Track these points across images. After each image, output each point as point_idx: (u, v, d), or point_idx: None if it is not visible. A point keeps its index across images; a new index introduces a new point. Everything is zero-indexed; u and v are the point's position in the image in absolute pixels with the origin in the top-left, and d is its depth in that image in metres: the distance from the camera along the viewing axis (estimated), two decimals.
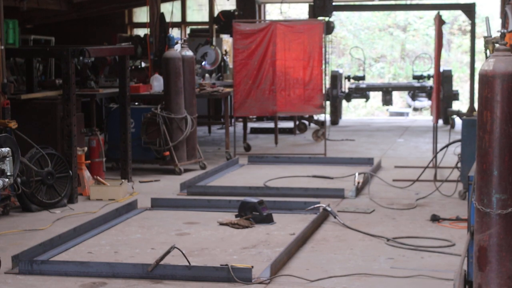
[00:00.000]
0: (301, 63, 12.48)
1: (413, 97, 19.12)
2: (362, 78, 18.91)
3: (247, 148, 13.43)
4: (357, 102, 23.29)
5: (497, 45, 4.45)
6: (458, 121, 13.16)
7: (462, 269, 5.19)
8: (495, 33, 6.40)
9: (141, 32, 18.21)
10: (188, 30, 18.53)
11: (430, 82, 18.22)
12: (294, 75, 12.51)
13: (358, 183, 9.78)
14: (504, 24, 9.62)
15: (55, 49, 10.88)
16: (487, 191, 4.43)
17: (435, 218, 8.14)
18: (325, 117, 13.84)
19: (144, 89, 12.20)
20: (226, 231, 7.82)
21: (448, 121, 16.12)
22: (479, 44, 15.59)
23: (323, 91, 12.64)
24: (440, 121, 16.05)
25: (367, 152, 13.19)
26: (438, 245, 7.20)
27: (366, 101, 19.05)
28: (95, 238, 7.56)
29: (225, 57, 15.47)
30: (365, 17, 30.18)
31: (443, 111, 16.38)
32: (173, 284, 6.12)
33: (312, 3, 16.00)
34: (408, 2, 22.50)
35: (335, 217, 8.18)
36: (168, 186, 10.31)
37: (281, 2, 18.26)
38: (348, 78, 18.78)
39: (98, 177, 9.69)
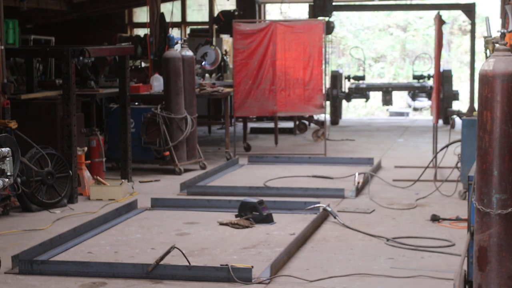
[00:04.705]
0: (301, 63, 12.48)
1: (413, 97, 19.12)
2: (362, 78, 18.91)
3: (247, 148, 13.43)
4: (357, 102, 23.28)
5: (497, 45, 4.46)
6: (458, 121, 13.16)
7: (462, 269, 5.19)
8: (495, 33, 6.40)
9: (141, 32, 18.21)
10: (188, 30, 18.53)
11: (430, 82, 18.21)
12: (294, 75, 12.51)
13: (358, 183, 9.78)
14: (504, 24, 9.62)
15: (55, 49, 10.88)
16: (487, 191, 4.43)
17: (435, 218, 8.14)
18: (325, 117, 13.85)
19: (144, 89, 12.20)
20: (226, 231, 7.82)
21: (448, 121, 16.13)
22: (479, 44, 15.60)
23: (323, 91, 12.65)
24: (440, 121, 16.05)
25: (367, 152, 13.19)
26: (438, 245, 7.20)
27: (366, 101, 19.05)
28: (95, 238, 7.56)
29: (225, 57, 15.47)
30: (365, 17, 30.17)
31: (443, 111, 16.38)
32: (173, 284, 6.12)
33: (312, 3, 16.00)
34: (408, 2, 22.49)
35: (335, 217, 8.18)
36: (168, 186, 10.31)
37: (281, 2, 18.25)
38: (348, 78, 18.78)
39: (98, 177, 9.69)
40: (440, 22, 11.12)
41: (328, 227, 7.98)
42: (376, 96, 21.26)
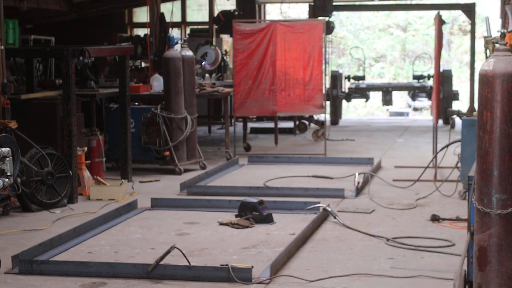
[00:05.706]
0: (301, 63, 12.48)
1: (413, 97, 19.12)
2: (362, 78, 18.91)
3: (247, 148, 13.43)
4: (357, 102, 23.28)
5: (497, 45, 4.46)
6: (458, 121, 13.15)
7: (462, 269, 5.19)
8: (495, 33, 6.40)
9: (141, 32, 18.21)
10: (188, 30, 18.53)
11: (430, 82, 18.21)
12: (294, 75, 12.51)
13: (358, 183, 9.78)
14: (504, 24, 9.62)
15: (55, 49, 10.89)
16: (487, 191, 4.42)
17: (435, 218, 8.14)
18: (325, 117, 13.85)
19: (144, 89, 12.20)
20: (226, 231, 7.82)
21: (448, 121, 16.13)
22: (479, 44, 15.60)
23: (323, 91, 12.65)
24: (440, 121, 16.05)
25: (367, 152, 13.19)
26: (438, 245, 7.20)
27: (366, 101, 19.05)
28: (95, 238, 7.56)
29: (225, 57, 15.47)
30: (365, 17, 30.17)
31: (443, 111, 16.38)
32: (173, 284, 6.12)
33: (312, 3, 16.00)
34: (408, 2, 22.50)
35: (335, 217, 8.18)
36: (168, 186, 10.31)
37: (281, 2, 18.25)
38: (348, 78, 18.78)
39: (98, 177, 9.69)
40: (440, 22, 11.12)
41: (328, 227, 7.98)
42: (376, 96, 21.27)
